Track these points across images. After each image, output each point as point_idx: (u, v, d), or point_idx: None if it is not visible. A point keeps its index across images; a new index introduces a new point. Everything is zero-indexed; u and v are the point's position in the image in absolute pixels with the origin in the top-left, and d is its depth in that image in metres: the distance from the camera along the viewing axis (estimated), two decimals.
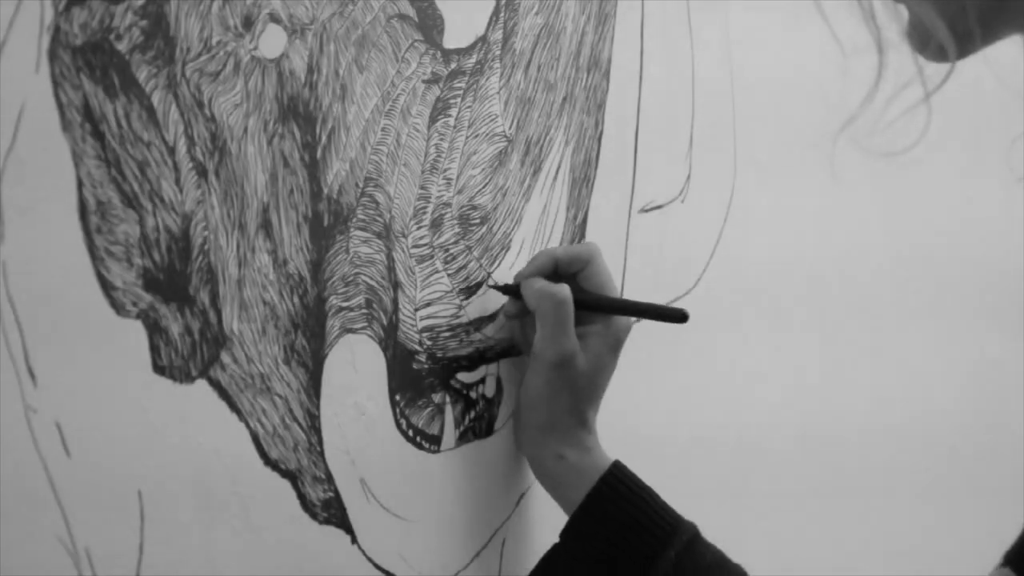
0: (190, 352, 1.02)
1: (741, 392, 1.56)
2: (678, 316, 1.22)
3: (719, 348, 1.50)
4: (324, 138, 1.11)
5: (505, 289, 1.23)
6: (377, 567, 1.15)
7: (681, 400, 1.45)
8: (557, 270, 1.23)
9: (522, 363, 1.26)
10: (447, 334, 1.21)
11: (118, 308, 0.98)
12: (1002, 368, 1.91)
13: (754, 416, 1.58)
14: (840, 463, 1.70)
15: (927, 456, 1.83)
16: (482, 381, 1.25)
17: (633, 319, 1.25)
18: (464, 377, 1.23)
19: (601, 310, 1.22)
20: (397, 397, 1.17)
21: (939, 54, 0.90)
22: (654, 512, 1.16)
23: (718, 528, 1.18)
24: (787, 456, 1.62)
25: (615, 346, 1.22)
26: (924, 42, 0.90)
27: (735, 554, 1.20)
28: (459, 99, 1.21)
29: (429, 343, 1.20)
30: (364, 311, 1.14)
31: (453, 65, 1.21)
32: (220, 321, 1.04)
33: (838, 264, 1.69)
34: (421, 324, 1.19)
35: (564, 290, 1.19)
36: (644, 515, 1.16)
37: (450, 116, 1.21)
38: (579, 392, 1.20)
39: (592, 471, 1.18)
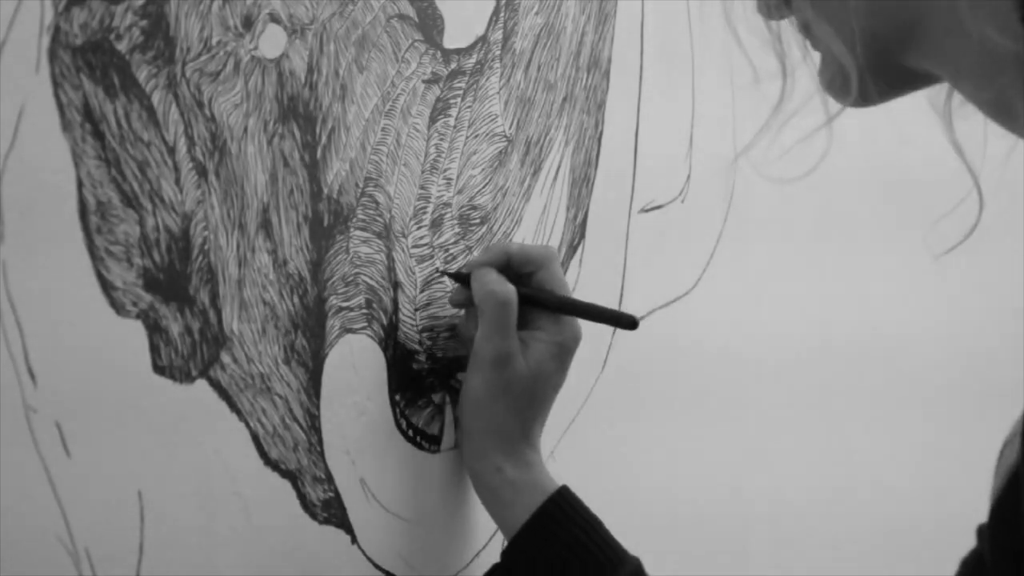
0: (190, 352, 1.02)
1: (740, 393, 1.55)
2: (627, 322, 1.17)
3: (718, 348, 1.50)
4: (324, 138, 1.11)
5: (456, 276, 1.19)
6: (377, 567, 1.15)
7: (678, 400, 1.45)
8: (510, 266, 1.17)
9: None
10: (447, 334, 1.21)
11: (118, 308, 0.98)
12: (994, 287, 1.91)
13: (753, 416, 1.57)
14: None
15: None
16: None
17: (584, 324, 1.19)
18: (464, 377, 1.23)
19: (547, 307, 1.16)
20: (397, 397, 1.17)
21: (844, 93, 0.90)
22: (602, 541, 1.12)
23: (714, 536, 1.17)
24: (791, 428, 1.62)
25: (561, 356, 1.17)
26: (833, 82, 0.90)
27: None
28: (459, 99, 1.21)
29: (429, 343, 1.20)
30: (364, 311, 1.14)
31: (453, 65, 1.21)
32: (220, 321, 1.04)
33: (838, 264, 1.69)
34: (421, 324, 1.19)
35: (509, 291, 1.15)
36: (591, 542, 1.11)
37: (450, 116, 1.21)
38: (519, 398, 1.15)
39: (534, 491, 1.13)
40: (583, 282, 1.34)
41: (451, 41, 1.20)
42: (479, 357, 1.15)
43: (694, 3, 1.46)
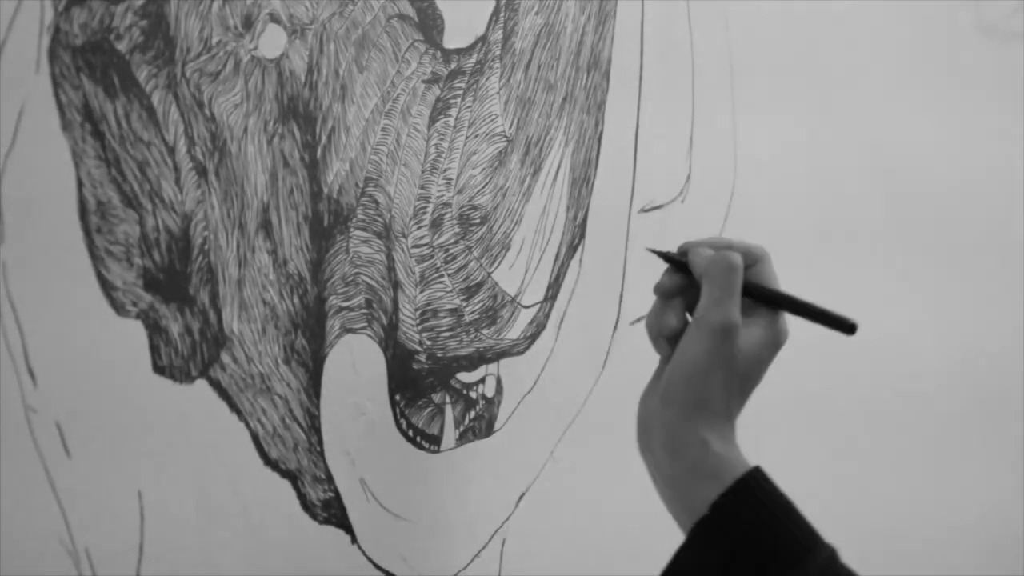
0: (190, 352, 1.02)
1: None
2: (847, 326, 1.15)
3: None
4: (324, 138, 1.11)
5: (666, 257, 1.16)
6: (377, 567, 1.15)
7: None
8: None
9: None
10: (447, 334, 1.21)
11: (118, 308, 0.98)
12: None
13: (751, 417, 1.57)
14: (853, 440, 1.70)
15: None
16: (482, 381, 1.25)
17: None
18: (464, 377, 1.23)
19: (768, 301, 1.14)
20: (397, 397, 1.17)
21: None
22: (799, 522, 1.08)
23: None
24: (796, 429, 1.62)
25: (774, 345, 1.14)
26: None
27: None
28: (459, 99, 1.21)
29: (429, 343, 1.20)
30: (364, 311, 1.14)
31: (453, 65, 1.21)
32: (220, 321, 1.04)
33: (837, 263, 1.69)
34: (421, 324, 1.19)
35: (737, 257, 1.12)
36: (789, 521, 1.08)
37: (450, 116, 1.21)
38: (736, 374, 1.11)
39: (733, 467, 1.08)
40: (583, 282, 1.34)
41: (451, 41, 1.20)
42: (703, 325, 1.10)
43: (694, 3, 1.46)
